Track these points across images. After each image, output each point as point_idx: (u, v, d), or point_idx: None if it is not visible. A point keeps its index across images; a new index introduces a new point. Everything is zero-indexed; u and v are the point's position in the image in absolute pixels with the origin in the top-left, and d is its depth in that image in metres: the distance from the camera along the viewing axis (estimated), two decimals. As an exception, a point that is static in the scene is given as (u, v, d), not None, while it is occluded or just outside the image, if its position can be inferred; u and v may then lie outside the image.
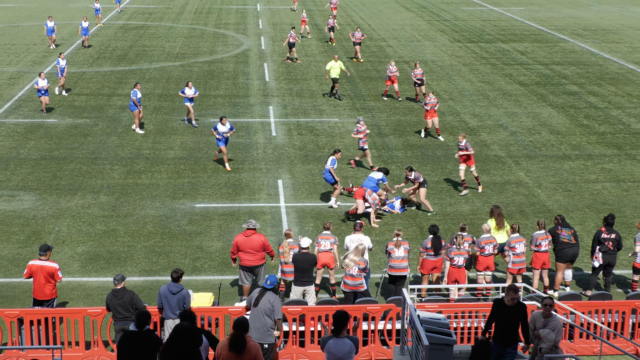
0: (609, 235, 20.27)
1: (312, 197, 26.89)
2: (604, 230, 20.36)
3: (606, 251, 20.22)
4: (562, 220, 20.59)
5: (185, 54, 50.03)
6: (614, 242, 20.28)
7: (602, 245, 20.23)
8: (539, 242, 20.27)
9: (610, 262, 20.29)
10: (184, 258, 22.36)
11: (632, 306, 17.95)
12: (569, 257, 20.29)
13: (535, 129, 35.06)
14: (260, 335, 15.41)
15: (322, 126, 34.93)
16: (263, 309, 15.40)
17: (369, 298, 18.47)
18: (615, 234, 20.37)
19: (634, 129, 35.24)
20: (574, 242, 20.29)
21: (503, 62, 49.28)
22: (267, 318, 15.39)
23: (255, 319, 15.43)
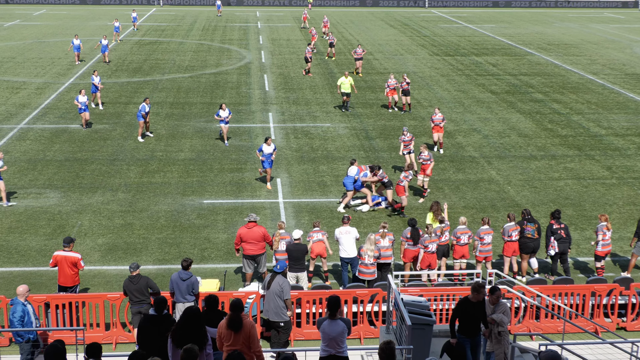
0: (560, 225, 20.30)
1: (307, 193, 26.85)
2: (554, 222, 20.34)
3: (560, 239, 20.19)
4: (528, 214, 20.54)
5: (194, 66, 49.91)
6: (565, 230, 20.30)
7: (556, 234, 20.22)
8: (510, 232, 20.30)
9: (564, 250, 20.26)
10: (193, 248, 22.30)
11: (592, 289, 17.96)
12: (530, 250, 20.35)
13: (505, 132, 35.05)
14: (275, 314, 15.73)
15: (316, 131, 34.88)
16: (274, 291, 15.67)
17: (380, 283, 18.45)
18: (564, 224, 20.42)
19: (593, 133, 35.27)
20: (536, 236, 20.27)
21: (476, 73, 49.28)
22: (279, 299, 15.66)
23: (269, 301, 15.75)
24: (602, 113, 38.92)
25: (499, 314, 14.48)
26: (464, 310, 14.28)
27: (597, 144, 33.53)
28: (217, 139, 31.55)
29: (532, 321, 17.88)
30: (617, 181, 28.69)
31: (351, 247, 19.62)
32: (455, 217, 23.91)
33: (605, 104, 40.84)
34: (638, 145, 33.34)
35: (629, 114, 38.73)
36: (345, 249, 19.67)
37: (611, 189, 27.84)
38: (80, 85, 43.02)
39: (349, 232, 19.80)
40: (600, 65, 52.68)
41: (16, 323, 15.12)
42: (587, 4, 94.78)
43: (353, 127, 35.61)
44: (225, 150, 31.53)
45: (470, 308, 14.17)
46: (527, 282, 18.66)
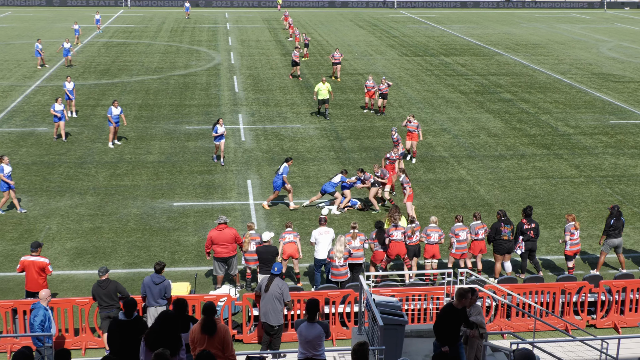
0: (530, 225, 20.41)
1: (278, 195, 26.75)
2: (525, 222, 20.43)
3: (528, 239, 20.38)
4: (504, 215, 20.52)
5: (162, 68, 49.58)
6: (534, 230, 20.45)
7: (525, 234, 20.36)
8: (476, 231, 20.44)
9: (532, 248, 20.52)
10: (163, 251, 22.12)
11: (562, 287, 18.11)
12: (504, 250, 20.41)
13: (474, 132, 35.26)
14: (272, 317, 15.92)
15: (286, 132, 34.82)
16: (273, 293, 15.85)
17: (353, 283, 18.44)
18: (535, 223, 20.54)
19: (561, 132, 35.60)
20: (511, 238, 20.38)
21: (445, 73, 49.53)
22: (277, 301, 15.88)
23: (267, 303, 15.91)
24: (569, 112, 39.31)
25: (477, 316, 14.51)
26: (449, 317, 13.75)
27: (565, 142, 33.85)
28: (211, 157, 29.84)
29: (504, 320, 17.98)
30: (585, 180, 28.99)
31: (327, 247, 19.61)
32: (426, 217, 23.98)
33: (573, 103, 41.25)
34: (605, 143, 33.72)
35: (596, 113, 39.16)
36: (322, 250, 19.64)
37: (579, 188, 28.11)
38: (46, 88, 42.54)
39: (327, 233, 19.83)
40: (568, 65, 53.23)
41: (36, 327, 14.90)
42: (554, 4, 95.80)
43: (323, 128, 35.60)
44: (195, 152, 31.34)
45: (455, 315, 13.92)
46: (498, 281, 18.78)
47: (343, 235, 19.14)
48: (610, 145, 33.46)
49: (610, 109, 40.09)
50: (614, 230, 20.78)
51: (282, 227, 23.64)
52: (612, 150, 32.74)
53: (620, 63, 54.41)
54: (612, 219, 20.78)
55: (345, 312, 17.62)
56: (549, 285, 18.30)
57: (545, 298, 18.07)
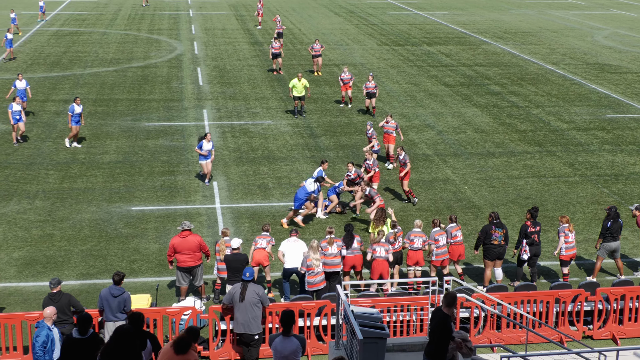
0: (535, 228, 20.55)
1: (246, 198, 26.74)
2: (529, 224, 20.58)
3: (532, 243, 20.52)
4: (496, 218, 20.61)
5: (119, 59, 49.31)
6: (539, 234, 20.60)
7: (529, 238, 20.48)
8: (453, 233, 20.54)
9: (537, 253, 20.65)
10: (121, 261, 22.00)
11: (556, 296, 18.24)
12: (494, 256, 20.46)
13: (460, 128, 35.45)
14: (251, 327, 16.04)
15: (255, 128, 34.78)
16: (251, 301, 15.97)
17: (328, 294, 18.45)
18: (539, 226, 20.71)
19: (554, 127, 35.89)
20: (503, 243, 20.40)
21: (429, 64, 49.75)
22: (256, 309, 16.02)
23: (245, 312, 16.00)
24: (563, 106, 39.65)
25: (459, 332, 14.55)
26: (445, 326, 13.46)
27: (559, 139, 34.13)
28: (196, 176, 28.36)
29: (493, 331, 18.08)
30: (581, 179, 29.25)
31: (296, 257, 19.60)
32: (409, 220, 24.07)
33: (566, 96, 41.62)
34: (602, 139, 34.05)
35: (591, 107, 39.53)
36: (291, 258, 19.65)
37: (574, 187, 28.35)
38: (-9, 81, 42.14)
39: (296, 241, 19.87)
40: (560, 54, 53.67)
41: (37, 348, 14.67)
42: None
43: (296, 124, 35.60)
44: (156, 152, 31.21)
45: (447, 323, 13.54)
46: (487, 289, 18.88)
47: (316, 241, 19.16)
48: (606, 142, 33.80)
49: (606, 102, 40.49)
50: (611, 234, 20.98)
51: (252, 233, 23.62)
52: (608, 147, 33.07)
53: (617, 52, 54.98)
54: (609, 221, 20.98)
55: (322, 325, 17.62)
56: (542, 293, 18.43)
57: (538, 307, 18.20)
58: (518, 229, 22.47)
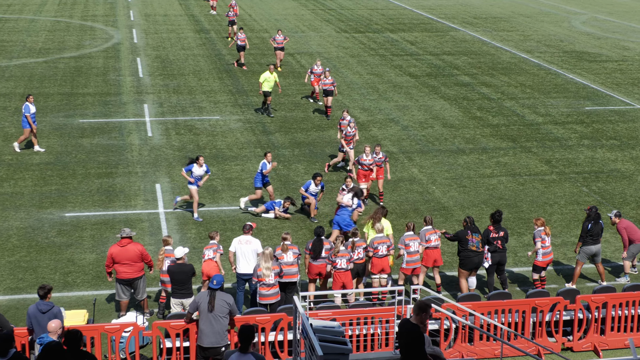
0: (497, 233, 20.57)
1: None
2: (492, 229, 20.59)
3: (495, 250, 20.51)
4: (471, 223, 20.68)
5: (49, 49, 48.82)
6: (502, 240, 20.62)
7: (491, 244, 20.51)
8: (427, 237, 20.63)
9: (501, 261, 20.63)
10: (53, 273, 21.79)
11: (532, 304, 18.41)
12: (473, 265, 20.49)
13: (427, 122, 35.67)
14: (218, 338, 16.11)
15: (202, 125, 34.66)
16: (219, 310, 16.03)
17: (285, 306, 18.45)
18: (504, 231, 20.70)
19: (529, 120, 36.27)
20: (481, 249, 20.45)
21: (392, 52, 49.98)
22: (224, 320, 16.12)
23: (212, 324, 16.03)
24: (538, 97, 40.10)
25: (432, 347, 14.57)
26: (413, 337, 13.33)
27: (534, 133, 34.50)
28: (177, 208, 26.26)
29: (465, 345, 18.21)
30: (558, 177, 29.60)
31: (250, 261, 19.57)
32: (372, 224, 24.14)
33: (542, 87, 42.10)
34: (580, 134, 34.50)
35: (568, 98, 40.04)
36: (243, 263, 19.61)
37: (551, 186, 28.67)
38: None
39: (249, 242, 19.78)
40: (535, 41, 54.28)
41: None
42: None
43: (247, 119, 35.56)
44: (91, 151, 30.96)
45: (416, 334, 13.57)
46: (458, 299, 19.00)
47: (269, 248, 19.11)
48: (586, 136, 34.25)
49: (585, 93, 41.04)
50: (592, 236, 21.25)
51: (200, 241, 23.55)
52: (588, 142, 33.51)
53: (596, 39, 55.76)
54: (589, 223, 21.24)
55: (277, 341, 17.61)
56: (517, 302, 18.60)
57: (514, 317, 18.36)
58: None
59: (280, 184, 28.18)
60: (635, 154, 32.16)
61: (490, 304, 18.37)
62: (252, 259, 19.63)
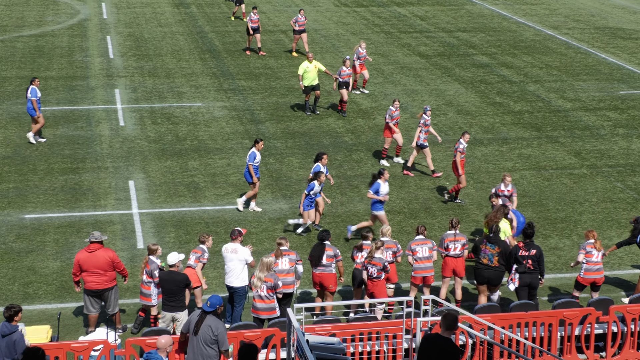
0: (528, 251, 20.06)
1: (172, 200, 26.65)
2: (522, 246, 20.15)
3: (524, 271, 20.00)
4: (492, 231, 20.45)
5: (5, 26, 48.78)
6: (534, 259, 20.07)
7: (520, 264, 20.02)
8: (446, 244, 20.62)
9: (532, 284, 20.14)
10: (11, 283, 21.80)
11: (560, 316, 18.43)
12: (483, 280, 20.33)
13: (440, 109, 35.67)
14: None
15: (182, 112, 34.67)
16: (203, 336, 15.72)
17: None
18: (536, 249, 20.16)
19: (555, 106, 36.29)
20: (494, 264, 20.12)
21: (399, 29, 49.96)
22: (209, 348, 15.74)
23: (195, 349, 15.76)
24: (566, 80, 40.12)
25: None
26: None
27: (561, 121, 34.53)
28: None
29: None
30: (589, 171, 29.63)
31: (236, 272, 19.59)
32: (377, 226, 24.16)
33: (570, 68, 42.11)
34: (614, 121, 34.53)
35: (601, 81, 40.06)
36: (229, 272, 19.65)
37: (581, 182, 28.69)
38: None
39: (235, 251, 19.79)
40: (563, 16, 54.28)
41: None
42: None
43: (234, 106, 35.56)
44: (55, 144, 30.97)
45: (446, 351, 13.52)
46: (476, 310, 19.01)
47: (269, 257, 19.09)
48: (620, 124, 34.28)
49: (619, 75, 41.07)
50: None
51: (179, 246, 23.57)
52: (622, 131, 33.55)
53: (632, 13, 55.79)
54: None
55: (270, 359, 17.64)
56: (543, 314, 18.61)
57: (539, 332, 18.39)
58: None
59: (272, 180, 28.19)
60: (677, 144, 32.26)
61: (511, 316, 18.38)
62: (238, 269, 19.63)
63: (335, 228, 24.61)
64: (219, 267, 22.37)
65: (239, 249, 19.88)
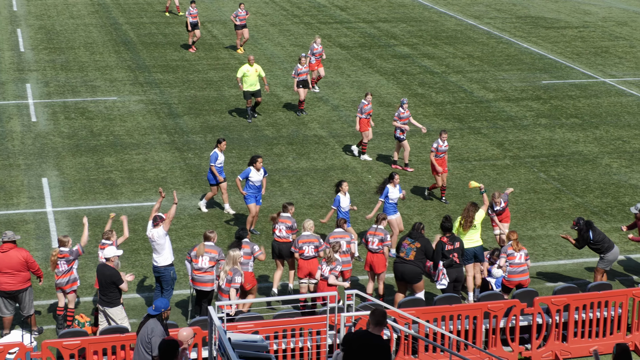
0: (453, 245, 20.24)
1: (87, 198, 26.40)
2: (446, 240, 20.26)
3: (452, 265, 20.19)
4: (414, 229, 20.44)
5: None
6: (458, 252, 20.29)
7: (447, 258, 20.13)
8: (367, 237, 20.85)
9: (458, 277, 20.36)
10: None
11: (485, 309, 18.65)
12: (397, 274, 20.35)
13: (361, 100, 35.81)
14: None
15: (96, 107, 34.34)
16: (142, 339, 15.48)
17: None
18: (459, 242, 20.41)
19: (477, 97, 36.69)
20: (410, 258, 20.13)
21: (319, 20, 50.04)
22: (146, 352, 15.44)
23: (136, 352, 15.57)
24: (488, 70, 40.58)
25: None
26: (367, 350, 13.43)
27: (484, 112, 34.92)
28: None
29: (409, 357, 18.38)
30: (512, 161, 30.02)
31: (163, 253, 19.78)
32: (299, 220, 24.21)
33: (492, 58, 42.60)
34: (536, 112, 35.02)
35: (523, 71, 40.59)
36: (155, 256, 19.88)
37: (504, 173, 29.06)
38: None
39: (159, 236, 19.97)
40: (484, 5, 54.86)
41: None
42: None
43: (150, 100, 35.33)
44: (-36, 141, 30.50)
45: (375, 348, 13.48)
46: (399, 304, 19.15)
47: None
48: (543, 114, 34.78)
49: (541, 65, 41.66)
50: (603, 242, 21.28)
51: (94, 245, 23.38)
52: (545, 121, 34.05)
53: (553, 2, 56.59)
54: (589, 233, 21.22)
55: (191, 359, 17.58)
56: (467, 307, 18.82)
57: (464, 325, 18.59)
58: (438, 229, 22.83)
59: (191, 175, 28.10)
60: (599, 134, 32.81)
61: (436, 310, 18.53)
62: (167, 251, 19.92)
63: (257, 223, 24.57)
64: (137, 265, 22.29)
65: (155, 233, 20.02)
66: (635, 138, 32.27)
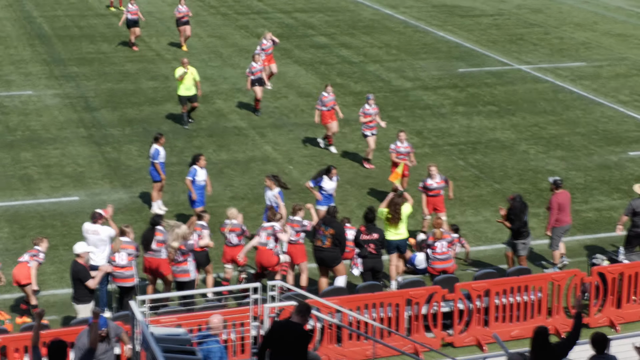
0: (370, 235, 20.46)
1: (4, 194, 26.13)
2: (363, 230, 20.54)
3: (367, 255, 20.40)
4: (328, 213, 20.76)
5: None
6: (376, 243, 20.49)
7: (362, 248, 20.41)
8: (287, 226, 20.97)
9: (375, 267, 20.59)
10: None
11: (406, 296, 18.82)
12: (317, 261, 20.57)
13: (280, 91, 35.85)
14: None
15: (11, 102, 33.91)
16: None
17: None
18: (378, 233, 20.60)
19: (395, 86, 36.94)
20: (327, 245, 20.29)
21: (236, 10, 49.93)
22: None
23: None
24: (405, 59, 40.87)
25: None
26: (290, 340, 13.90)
27: (402, 101, 35.18)
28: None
29: (333, 346, 18.48)
30: (431, 150, 30.31)
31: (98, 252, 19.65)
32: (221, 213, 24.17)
33: (409, 47, 42.91)
34: (454, 100, 35.39)
35: (440, 59, 40.96)
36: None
37: (423, 161, 29.26)
38: None
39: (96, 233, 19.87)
40: (400, -5, 55.24)
41: None
42: None
43: (66, 94, 34.97)
44: None
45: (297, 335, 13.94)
46: (322, 294, 19.23)
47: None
48: (460, 102, 35.16)
49: (457, 53, 42.08)
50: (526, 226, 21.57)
51: (14, 241, 23.16)
52: (463, 109, 34.42)
53: (468, -9, 57.23)
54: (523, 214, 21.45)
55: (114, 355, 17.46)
56: (389, 294, 19.00)
57: (386, 312, 18.74)
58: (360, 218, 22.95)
59: (110, 169, 27.88)
60: (515, 120, 33.25)
61: (358, 298, 18.66)
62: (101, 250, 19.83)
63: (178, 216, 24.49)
64: (57, 262, 22.08)
65: (100, 229, 19.86)
66: (551, 124, 32.77)
